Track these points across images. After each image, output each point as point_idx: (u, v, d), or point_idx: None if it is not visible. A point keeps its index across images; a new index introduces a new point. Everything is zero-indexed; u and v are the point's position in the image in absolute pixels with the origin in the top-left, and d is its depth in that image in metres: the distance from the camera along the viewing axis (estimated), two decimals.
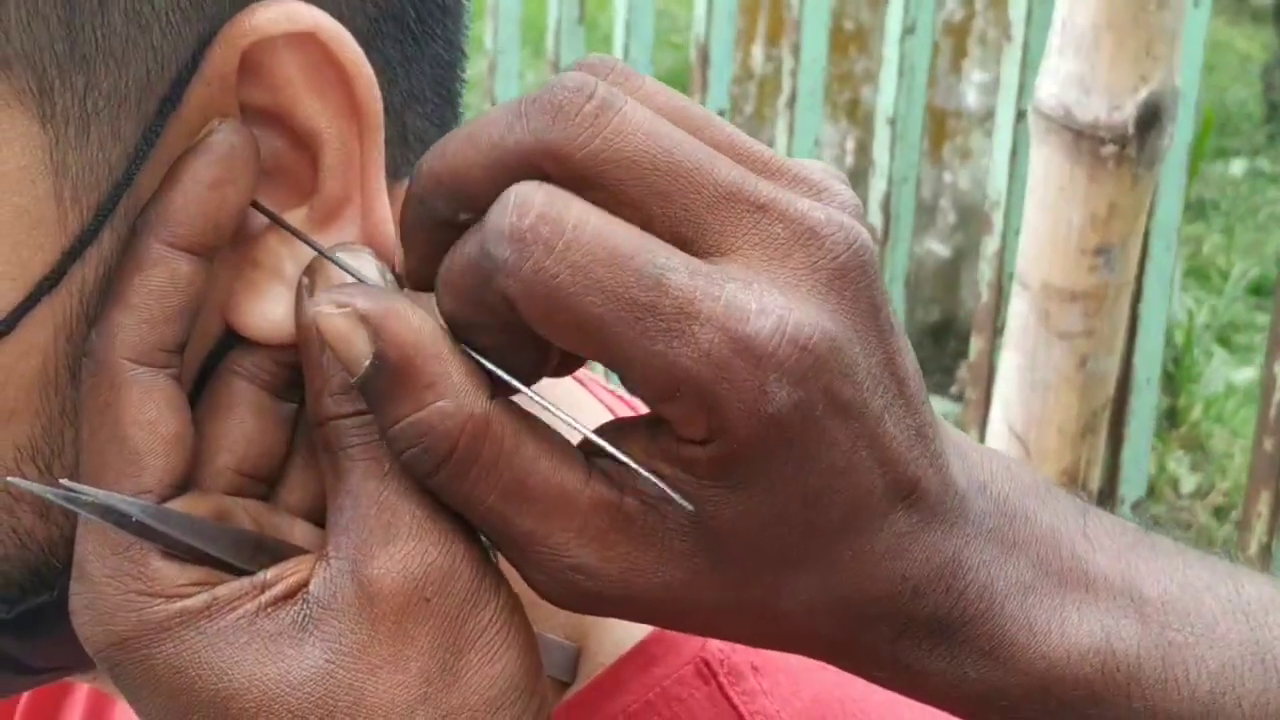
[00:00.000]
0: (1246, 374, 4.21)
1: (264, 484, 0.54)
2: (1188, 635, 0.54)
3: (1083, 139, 1.69)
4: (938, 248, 3.71)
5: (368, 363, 0.49)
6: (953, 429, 0.54)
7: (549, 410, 0.50)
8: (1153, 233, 1.86)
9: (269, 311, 0.53)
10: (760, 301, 0.47)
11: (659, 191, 0.48)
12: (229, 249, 0.53)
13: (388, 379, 0.49)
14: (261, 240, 0.53)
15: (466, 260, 0.49)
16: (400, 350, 0.49)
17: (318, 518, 0.53)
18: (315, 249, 0.53)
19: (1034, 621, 0.52)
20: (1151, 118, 1.69)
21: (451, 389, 0.49)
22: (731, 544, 0.50)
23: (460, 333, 0.50)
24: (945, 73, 3.68)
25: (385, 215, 0.53)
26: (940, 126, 3.66)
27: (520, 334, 0.49)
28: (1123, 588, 0.54)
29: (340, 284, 0.52)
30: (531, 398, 0.50)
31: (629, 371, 0.48)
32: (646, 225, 0.49)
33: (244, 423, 0.53)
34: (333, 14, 0.52)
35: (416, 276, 0.52)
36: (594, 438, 0.50)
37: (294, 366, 0.53)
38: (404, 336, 0.49)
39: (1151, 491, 4.06)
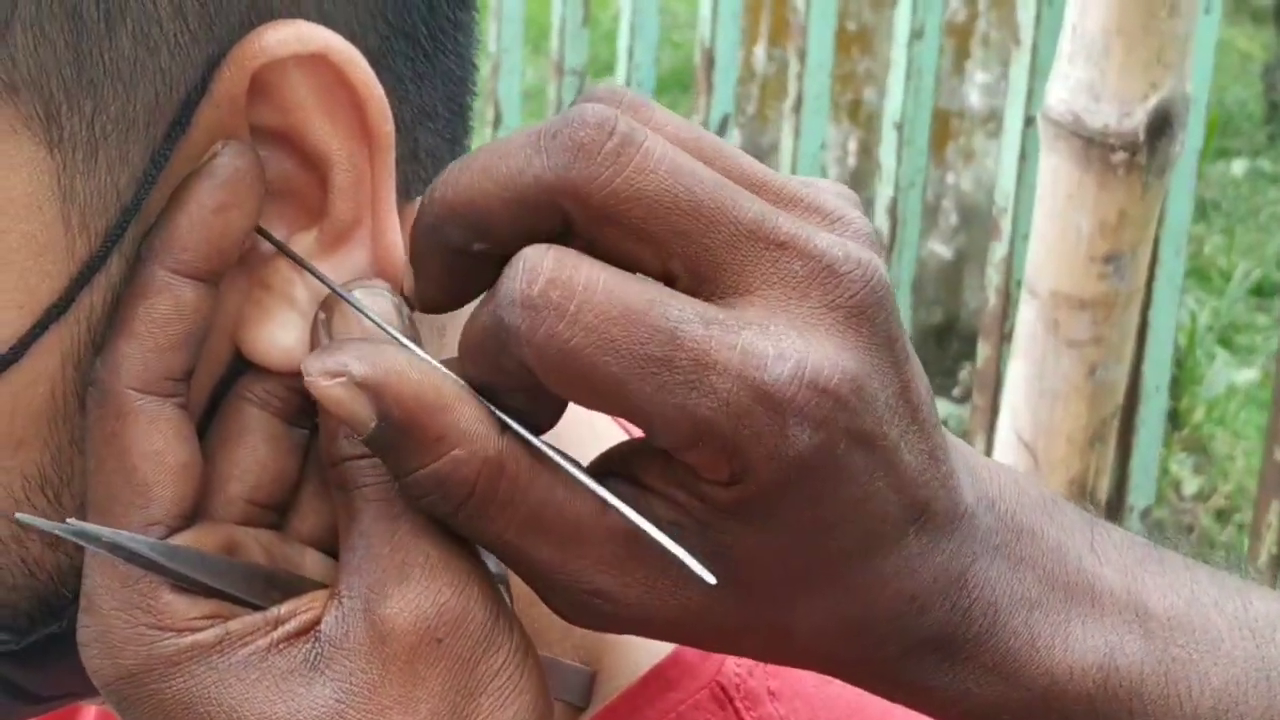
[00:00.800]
0: (1248, 375, 4.20)
1: (276, 512, 0.53)
2: (1192, 651, 0.54)
3: (1092, 146, 1.68)
4: (940, 249, 3.70)
5: (373, 425, 0.49)
6: (963, 445, 0.54)
7: (555, 454, 0.50)
8: (1162, 240, 1.86)
9: (280, 337, 0.52)
10: (778, 346, 0.47)
11: (680, 231, 0.48)
12: (238, 272, 0.52)
13: (395, 436, 0.49)
14: (271, 263, 0.53)
15: (481, 329, 0.48)
16: (404, 409, 0.48)
17: (330, 547, 0.53)
18: (330, 288, 0.52)
19: (1037, 637, 0.52)
20: (1162, 125, 1.68)
21: (463, 437, 0.49)
22: (747, 570, 0.50)
23: (485, 395, 0.50)
24: (948, 74, 3.67)
25: (396, 238, 0.53)
26: (943, 127, 3.64)
27: (543, 394, 0.49)
28: (1128, 602, 0.54)
29: (332, 342, 0.51)
30: (543, 448, 0.50)
31: (650, 426, 0.48)
32: (665, 263, 0.48)
33: (255, 450, 0.52)
34: (344, 34, 0.51)
35: (429, 302, 0.52)
36: (615, 503, 0.49)
37: (305, 393, 0.52)
38: (405, 394, 0.49)
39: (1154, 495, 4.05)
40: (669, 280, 0.49)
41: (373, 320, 0.51)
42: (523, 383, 0.48)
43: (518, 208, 0.48)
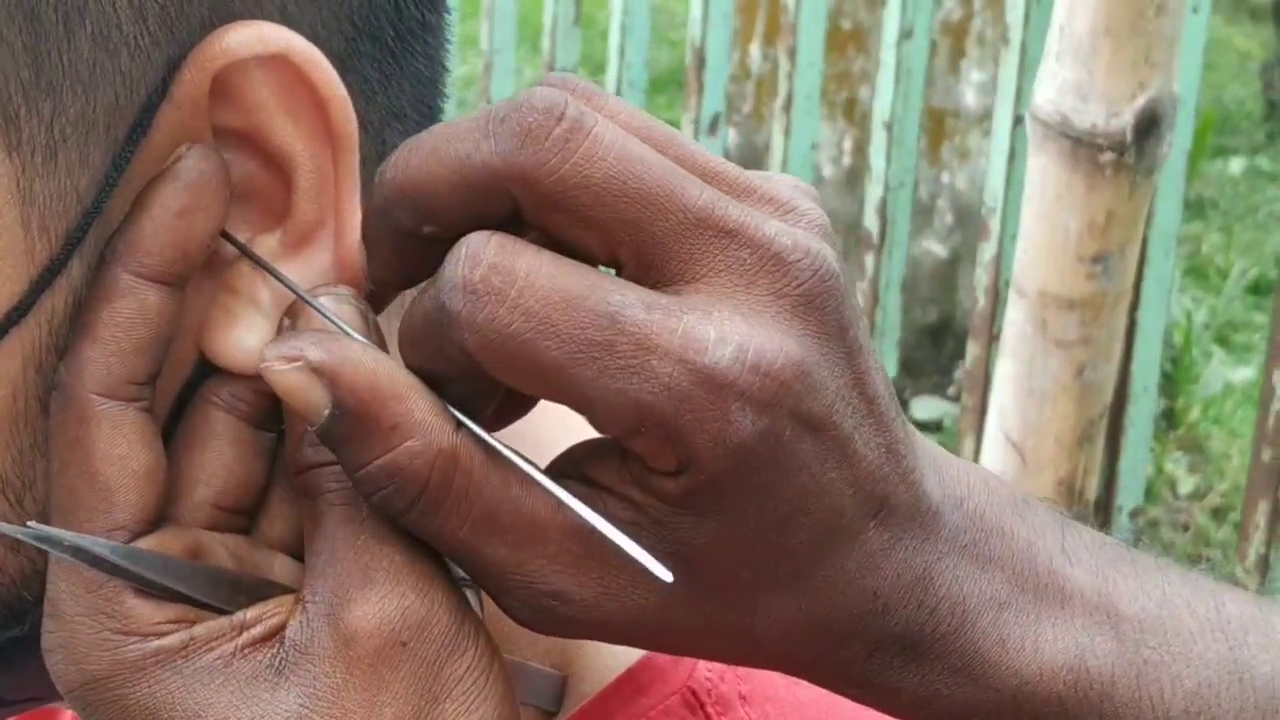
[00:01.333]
0: (1245, 374, 4.20)
1: (243, 517, 0.53)
2: (1164, 653, 0.54)
3: (1080, 146, 1.67)
4: (935, 248, 3.69)
5: (326, 412, 0.48)
6: (929, 443, 0.54)
7: (507, 450, 0.50)
8: (1151, 240, 1.85)
9: (245, 340, 0.52)
10: (720, 330, 0.47)
11: (627, 219, 0.48)
12: (203, 275, 0.52)
13: (349, 426, 0.48)
14: (236, 266, 0.52)
15: (424, 315, 0.48)
16: (358, 396, 0.48)
17: (298, 551, 0.52)
18: (292, 289, 0.52)
19: (1006, 638, 0.52)
20: (1150, 125, 1.68)
21: (417, 427, 0.48)
22: (704, 568, 0.49)
23: (429, 386, 0.49)
24: (943, 73, 3.67)
25: (359, 238, 0.52)
26: (938, 127, 3.64)
27: (486, 382, 0.49)
28: (1099, 604, 0.54)
29: (291, 331, 0.51)
30: (494, 445, 0.49)
31: (592, 412, 0.48)
32: (613, 250, 0.48)
33: (222, 454, 0.52)
34: (308, 35, 0.51)
35: (381, 285, 0.52)
36: (567, 499, 0.49)
37: (272, 396, 0.52)
38: (360, 381, 0.48)
39: (1149, 493, 4.04)
40: (616, 267, 0.49)
41: (335, 323, 0.51)
42: (464, 369, 0.48)
43: (466, 192, 0.48)
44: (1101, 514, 1.84)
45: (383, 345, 0.52)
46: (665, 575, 0.48)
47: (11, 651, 0.54)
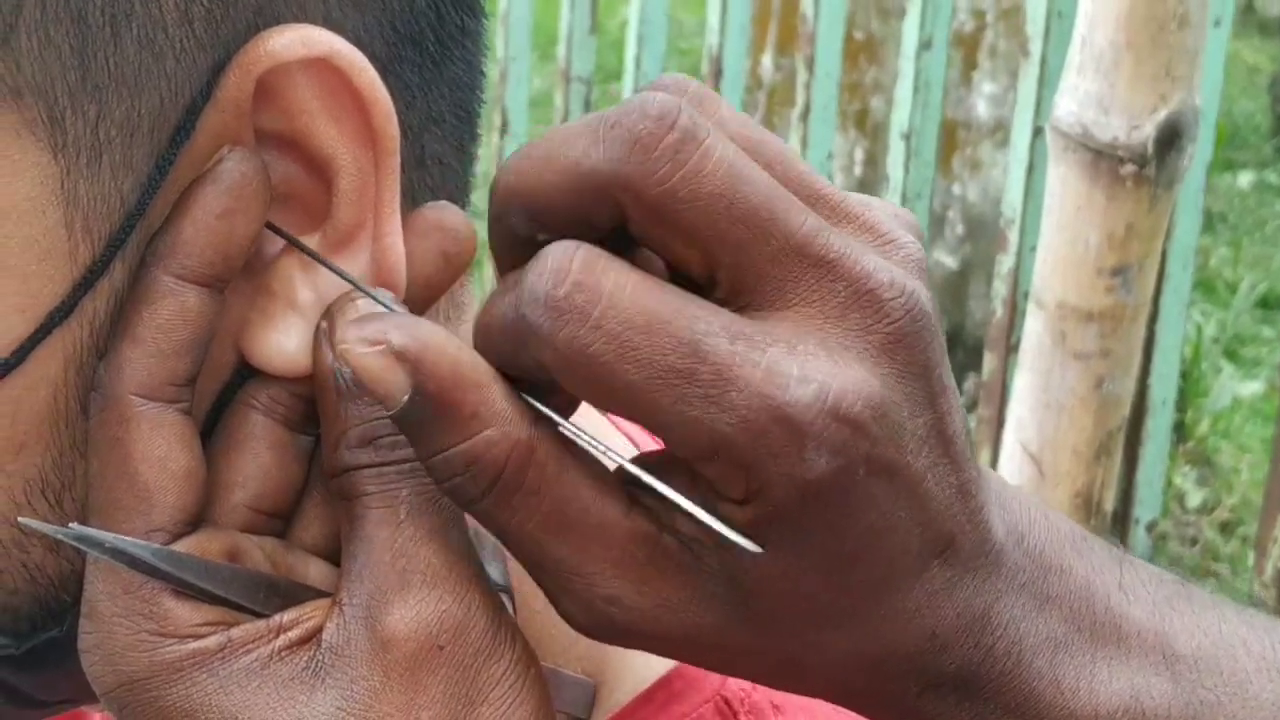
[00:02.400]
0: (1253, 388, 4.20)
1: (280, 520, 0.53)
2: (1220, 694, 0.53)
3: (1101, 158, 1.67)
4: (946, 259, 3.69)
5: (405, 397, 0.48)
6: (994, 476, 0.53)
7: (590, 444, 0.49)
8: (1170, 253, 1.85)
9: (283, 343, 0.52)
10: (803, 368, 0.47)
11: (728, 240, 0.47)
12: (242, 278, 0.52)
13: (429, 411, 0.48)
14: (275, 268, 0.52)
15: (502, 321, 0.48)
16: (441, 383, 0.48)
17: (334, 555, 0.52)
18: (346, 279, 0.52)
19: (1062, 679, 0.52)
20: (1171, 137, 1.67)
21: (496, 416, 0.48)
22: (763, 598, 0.49)
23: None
24: (956, 84, 3.67)
25: (396, 242, 0.52)
26: (950, 138, 3.64)
27: (556, 390, 0.48)
28: (1155, 643, 0.53)
29: (366, 315, 0.50)
30: (574, 434, 0.49)
31: (667, 435, 0.47)
32: (710, 269, 0.48)
33: (259, 458, 0.52)
34: (350, 39, 0.51)
35: None
36: (646, 477, 0.49)
37: (310, 399, 0.52)
38: (443, 368, 0.48)
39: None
40: (710, 286, 0.48)
41: (393, 310, 0.51)
42: (537, 378, 0.48)
43: (575, 198, 0.48)
44: (1118, 527, 1.84)
45: None
46: (752, 547, 0.47)
47: (48, 653, 0.54)
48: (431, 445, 0.48)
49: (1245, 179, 5.54)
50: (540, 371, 0.47)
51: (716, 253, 0.47)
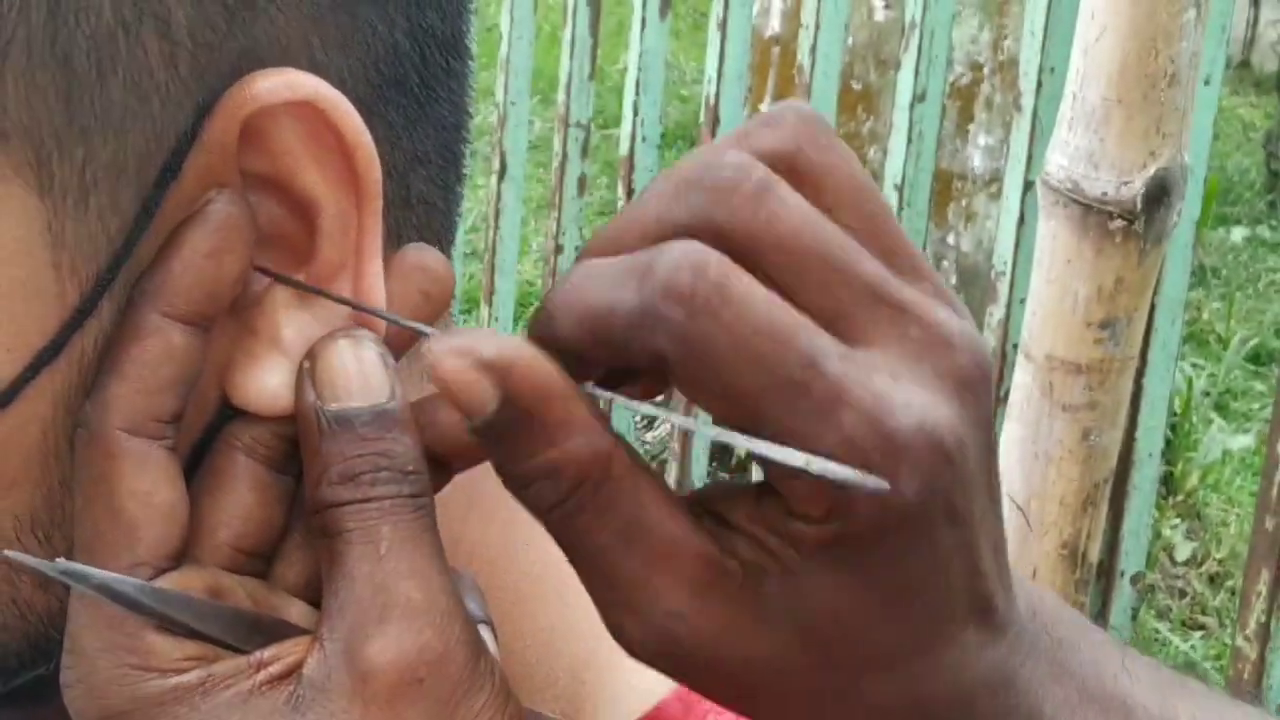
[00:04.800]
0: (1243, 441, 4.21)
1: (261, 560, 0.54)
2: None
3: (1091, 213, 1.69)
4: None
5: (494, 407, 0.49)
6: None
7: (670, 416, 0.51)
8: (1158, 307, 1.87)
9: (267, 382, 0.53)
10: (906, 396, 0.48)
11: (813, 279, 0.49)
12: (226, 318, 0.53)
13: (516, 421, 0.49)
14: (258, 308, 0.53)
15: (624, 307, 0.48)
16: (533, 393, 0.49)
17: (314, 597, 0.53)
18: (355, 306, 0.53)
19: None
20: (1160, 193, 1.69)
21: (582, 426, 0.49)
22: (823, 626, 0.50)
23: (566, 363, 0.50)
24: (951, 136, 3.69)
25: (377, 282, 0.53)
26: (945, 189, 3.66)
27: (626, 375, 0.50)
28: (1161, 717, 0.55)
29: (452, 330, 0.51)
30: (660, 412, 0.50)
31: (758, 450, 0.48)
32: (799, 306, 0.49)
33: (242, 498, 0.53)
34: (335, 82, 0.52)
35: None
36: (745, 441, 0.49)
37: (292, 440, 0.53)
38: (535, 380, 0.49)
39: (1147, 559, 4.05)
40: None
41: (414, 329, 0.52)
42: (631, 364, 0.49)
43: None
44: (1104, 579, 1.85)
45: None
46: (881, 485, 0.47)
47: (34, 691, 0.54)
48: (518, 452, 0.49)
49: (1238, 234, 5.56)
50: (648, 361, 0.48)
51: (803, 291, 0.48)
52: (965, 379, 0.49)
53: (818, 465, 0.47)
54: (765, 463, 0.49)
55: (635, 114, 2.53)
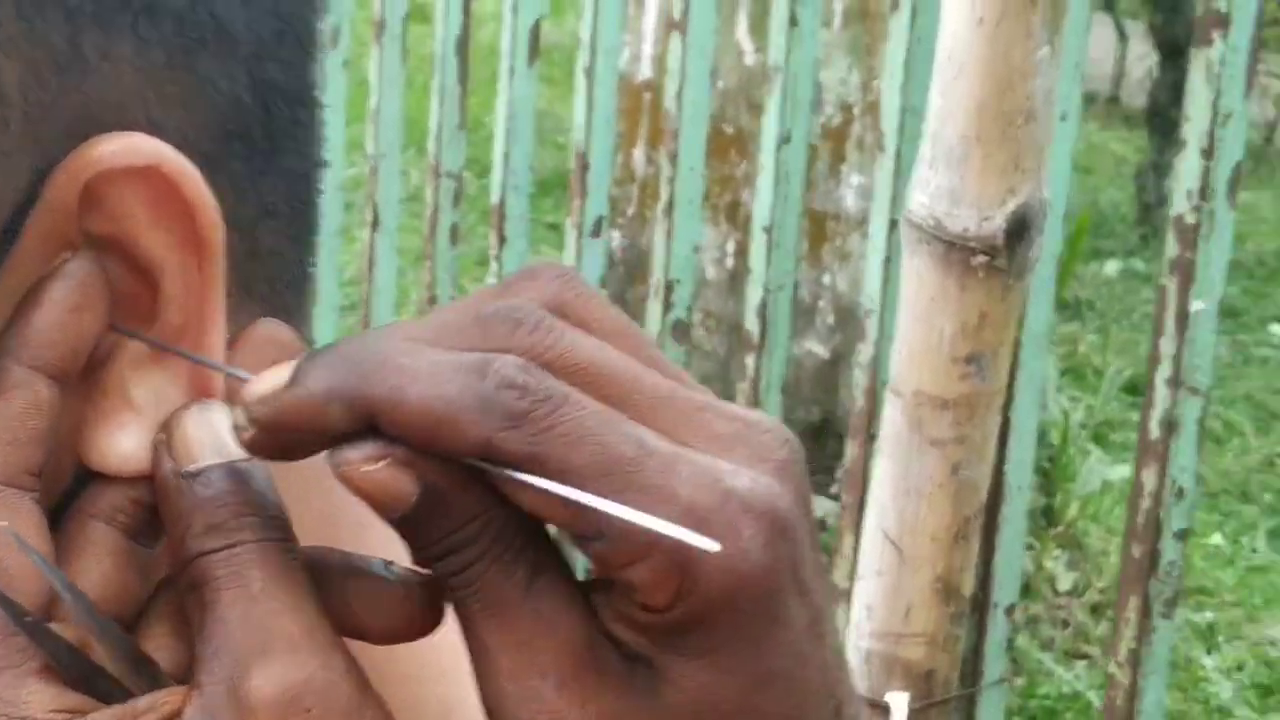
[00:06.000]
0: (1121, 472, 4.26)
1: (123, 628, 0.53)
2: None
3: (953, 250, 1.71)
4: (818, 349, 3.74)
5: (415, 498, 0.49)
6: None
7: (534, 480, 0.50)
8: (1024, 341, 1.89)
9: (120, 441, 0.53)
10: (733, 466, 0.48)
11: (615, 395, 0.49)
12: (77, 379, 0.53)
13: (434, 502, 0.49)
14: (107, 368, 0.53)
15: (463, 396, 0.48)
16: (442, 475, 0.49)
17: (176, 668, 0.52)
18: (208, 365, 0.53)
19: None
20: (1021, 229, 1.72)
21: (486, 500, 0.49)
22: (683, 717, 0.49)
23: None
24: (824, 176, 3.73)
25: (218, 341, 0.54)
26: (820, 229, 3.70)
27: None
28: None
29: (361, 441, 0.50)
30: (530, 480, 0.49)
31: (608, 531, 0.48)
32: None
33: (100, 564, 0.52)
34: (176, 140, 0.52)
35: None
36: (596, 503, 0.49)
37: (151, 506, 0.53)
38: (440, 463, 0.49)
39: (1028, 590, 4.09)
40: None
41: (244, 376, 0.52)
42: (453, 456, 0.49)
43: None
44: (978, 611, 1.87)
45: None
46: (711, 546, 0.47)
47: None
48: (436, 532, 0.49)
49: (1112, 267, 5.64)
50: (481, 452, 0.48)
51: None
52: (782, 462, 0.49)
53: (663, 526, 0.47)
54: (604, 560, 0.49)
55: (506, 163, 2.53)
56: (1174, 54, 5.65)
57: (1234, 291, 6.77)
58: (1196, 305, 1.69)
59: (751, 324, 2.20)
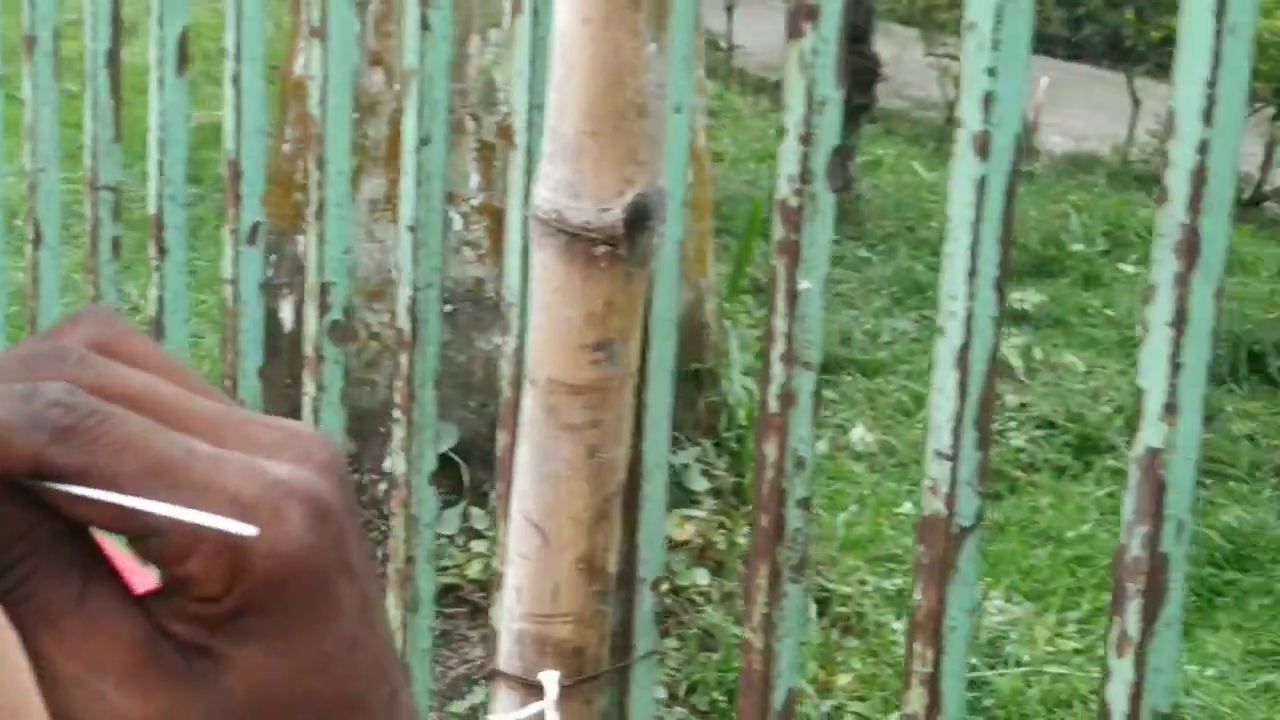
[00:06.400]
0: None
1: None
2: None
3: (576, 241, 1.78)
4: (483, 345, 3.79)
5: None
6: None
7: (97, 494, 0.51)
8: (653, 326, 1.97)
9: None
10: (273, 460, 0.51)
11: (161, 415, 0.51)
12: None
13: None
14: None
15: (12, 416, 0.49)
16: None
17: None
18: None
19: None
20: (640, 219, 1.79)
21: (31, 512, 0.50)
22: (244, 705, 0.51)
23: None
24: (502, 173, 3.78)
25: None
26: (501, 226, 3.75)
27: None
28: None
29: None
30: (96, 495, 0.50)
31: (159, 529, 0.50)
32: None
33: None
34: None
35: None
36: (132, 502, 0.50)
37: None
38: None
39: (722, 567, 4.20)
40: None
41: None
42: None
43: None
44: (625, 588, 1.94)
45: None
46: (249, 530, 0.49)
47: None
48: None
49: None
50: (31, 468, 0.49)
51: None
52: (325, 461, 0.52)
53: (204, 517, 0.49)
54: (161, 557, 0.50)
55: (161, 172, 2.54)
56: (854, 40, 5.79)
57: (920, 268, 7.00)
58: (804, 285, 1.78)
59: (403, 322, 2.24)
